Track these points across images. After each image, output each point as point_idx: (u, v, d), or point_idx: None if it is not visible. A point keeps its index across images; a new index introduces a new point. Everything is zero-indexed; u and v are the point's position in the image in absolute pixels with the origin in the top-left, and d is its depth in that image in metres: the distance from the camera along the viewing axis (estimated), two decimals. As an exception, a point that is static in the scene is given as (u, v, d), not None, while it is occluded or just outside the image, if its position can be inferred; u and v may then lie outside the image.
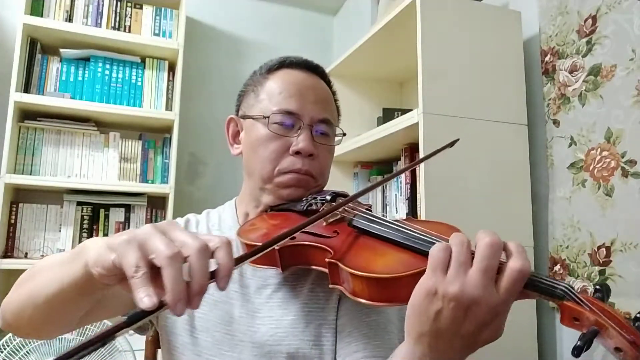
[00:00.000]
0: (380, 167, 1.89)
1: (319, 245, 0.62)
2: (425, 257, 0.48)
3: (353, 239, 0.63)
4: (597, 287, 0.46)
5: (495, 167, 1.37)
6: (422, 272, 0.48)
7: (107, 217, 2.10)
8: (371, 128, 1.67)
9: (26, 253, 1.97)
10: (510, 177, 1.39)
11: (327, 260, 0.58)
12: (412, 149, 1.57)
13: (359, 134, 1.70)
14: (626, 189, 1.16)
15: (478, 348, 0.48)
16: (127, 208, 2.14)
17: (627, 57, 1.18)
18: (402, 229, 0.58)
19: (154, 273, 0.41)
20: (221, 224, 0.86)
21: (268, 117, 0.77)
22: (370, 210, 0.68)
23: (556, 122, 1.38)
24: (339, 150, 1.83)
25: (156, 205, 2.20)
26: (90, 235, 2.05)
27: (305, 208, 0.75)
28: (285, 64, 0.83)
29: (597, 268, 1.22)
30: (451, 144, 0.71)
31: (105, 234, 2.08)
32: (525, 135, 1.43)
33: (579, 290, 0.43)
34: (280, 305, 0.73)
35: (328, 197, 0.75)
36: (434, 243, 0.50)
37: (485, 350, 0.47)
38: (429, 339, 0.48)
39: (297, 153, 0.76)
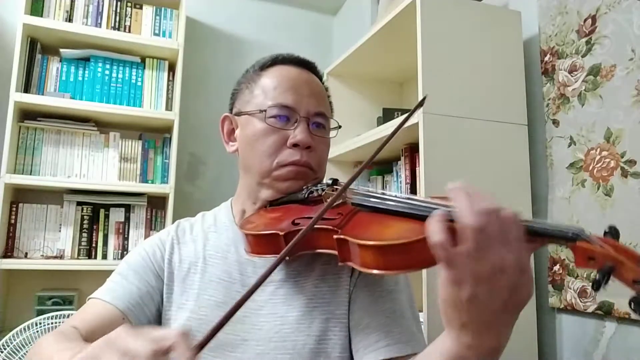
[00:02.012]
0: (380, 167, 1.89)
1: (325, 227, 0.62)
2: None
3: (358, 216, 0.63)
4: (606, 229, 0.47)
5: (495, 167, 1.37)
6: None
7: (107, 217, 2.09)
8: (371, 128, 1.67)
9: (26, 253, 1.96)
10: (510, 177, 1.39)
11: (335, 237, 0.59)
12: (412, 148, 1.57)
13: (359, 134, 1.69)
14: (626, 189, 1.16)
15: (522, 307, 0.47)
16: (127, 208, 2.13)
17: (627, 57, 1.18)
18: (403, 200, 0.58)
19: None
20: (217, 224, 0.86)
21: (265, 111, 0.77)
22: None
23: (556, 122, 1.38)
24: (339, 150, 1.83)
25: (156, 205, 2.20)
26: (90, 235, 2.06)
27: (306, 196, 0.75)
28: (278, 60, 0.83)
29: (596, 268, 1.22)
30: (421, 103, 0.70)
31: (105, 234, 2.08)
32: (525, 135, 1.43)
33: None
34: (284, 302, 0.73)
35: (329, 181, 0.75)
36: (436, 208, 0.50)
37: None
38: (474, 325, 0.47)
39: (295, 145, 0.76)
